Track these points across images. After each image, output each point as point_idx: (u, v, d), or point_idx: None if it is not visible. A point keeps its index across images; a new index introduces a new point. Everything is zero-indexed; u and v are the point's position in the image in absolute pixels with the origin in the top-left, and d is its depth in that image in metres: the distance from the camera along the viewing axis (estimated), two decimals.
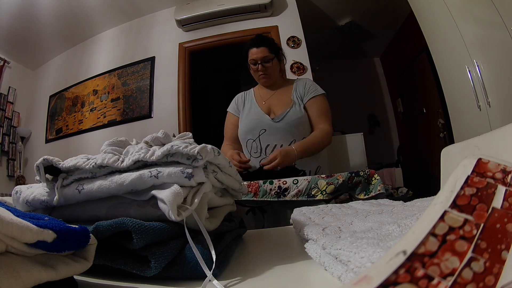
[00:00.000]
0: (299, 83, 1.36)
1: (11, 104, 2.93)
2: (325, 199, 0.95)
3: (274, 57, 1.33)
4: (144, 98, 2.61)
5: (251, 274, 0.31)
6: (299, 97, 1.32)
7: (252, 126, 1.30)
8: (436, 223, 0.13)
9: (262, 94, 1.39)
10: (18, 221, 0.20)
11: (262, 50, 1.31)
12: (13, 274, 0.19)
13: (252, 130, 1.29)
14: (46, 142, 2.92)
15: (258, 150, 1.28)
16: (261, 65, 1.31)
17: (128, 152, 0.36)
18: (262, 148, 1.27)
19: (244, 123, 1.33)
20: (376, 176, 0.99)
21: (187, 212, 0.31)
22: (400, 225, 0.27)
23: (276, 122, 1.27)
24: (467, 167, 0.15)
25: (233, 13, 2.53)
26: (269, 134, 1.27)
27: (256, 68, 1.33)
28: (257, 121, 1.29)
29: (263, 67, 1.32)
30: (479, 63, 1.50)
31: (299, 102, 1.30)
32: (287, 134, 1.25)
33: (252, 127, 1.30)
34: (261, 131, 1.28)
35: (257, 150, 1.28)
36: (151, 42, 2.73)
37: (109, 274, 0.32)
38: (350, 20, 3.18)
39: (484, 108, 1.49)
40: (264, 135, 1.27)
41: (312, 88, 1.33)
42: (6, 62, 2.86)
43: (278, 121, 1.27)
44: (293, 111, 1.28)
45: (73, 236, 0.24)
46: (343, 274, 0.22)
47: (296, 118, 1.26)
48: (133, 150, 0.36)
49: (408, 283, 0.11)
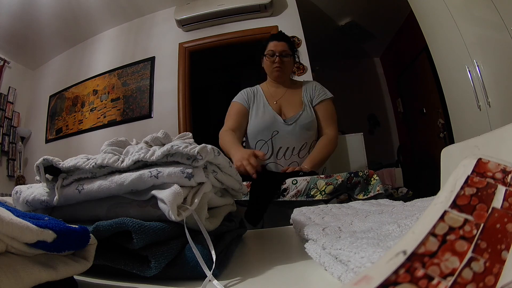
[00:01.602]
0: (308, 86, 1.36)
1: (11, 104, 2.93)
2: (324, 199, 0.95)
3: (291, 54, 1.33)
4: (144, 98, 2.60)
5: (251, 274, 0.31)
6: (309, 100, 1.31)
7: (265, 127, 1.26)
8: (436, 223, 0.13)
9: (272, 92, 1.35)
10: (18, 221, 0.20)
11: (283, 44, 1.31)
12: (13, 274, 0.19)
13: (264, 131, 1.26)
14: (46, 142, 2.92)
15: (270, 152, 1.25)
16: (278, 57, 1.30)
17: (128, 152, 0.36)
18: (274, 151, 1.25)
19: (256, 123, 1.29)
20: (375, 176, 0.99)
21: (187, 212, 0.31)
22: (400, 225, 0.27)
23: (289, 124, 1.26)
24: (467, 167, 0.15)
25: (233, 13, 2.53)
26: (281, 137, 1.25)
27: (273, 60, 1.31)
28: (270, 122, 1.26)
29: (280, 60, 1.30)
30: (479, 63, 1.50)
31: (309, 105, 1.30)
32: (299, 137, 1.25)
33: (264, 128, 1.26)
34: (273, 133, 1.25)
35: (269, 152, 1.25)
36: (151, 42, 2.73)
37: (109, 274, 0.32)
38: (350, 20, 3.18)
39: (484, 108, 1.49)
40: (276, 137, 1.25)
41: (322, 91, 1.33)
42: (6, 62, 2.86)
43: (291, 123, 1.26)
44: (305, 114, 1.27)
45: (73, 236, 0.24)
46: (343, 274, 0.22)
47: (308, 122, 1.26)
48: (133, 150, 0.36)
49: (408, 283, 0.11)
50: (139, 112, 2.60)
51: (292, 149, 1.24)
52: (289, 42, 1.34)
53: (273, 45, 1.31)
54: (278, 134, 1.25)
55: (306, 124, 1.26)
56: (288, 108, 1.31)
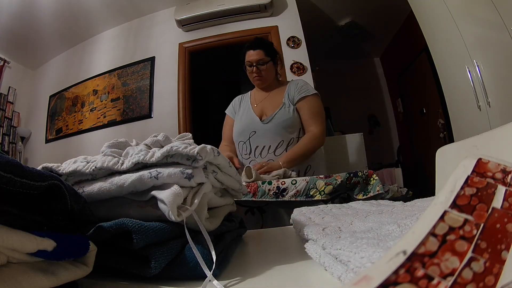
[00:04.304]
0: (292, 85, 1.37)
1: (11, 104, 2.93)
2: (324, 200, 0.95)
3: (269, 60, 1.35)
4: (144, 98, 2.61)
5: (251, 274, 0.31)
6: (290, 98, 1.32)
7: (243, 129, 1.33)
8: (436, 223, 0.13)
9: (256, 97, 1.42)
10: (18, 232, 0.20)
11: (258, 52, 1.33)
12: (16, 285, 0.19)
13: (243, 133, 1.33)
14: (46, 142, 2.92)
15: (248, 151, 1.31)
16: (255, 67, 1.34)
17: (128, 154, 0.36)
18: (252, 150, 1.30)
19: (236, 126, 1.37)
20: (374, 176, 0.99)
21: (187, 213, 0.31)
22: (400, 225, 0.27)
23: (265, 123, 1.29)
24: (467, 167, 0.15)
25: (233, 13, 2.53)
26: (258, 136, 1.29)
27: (251, 70, 1.35)
28: (248, 124, 1.33)
29: (258, 70, 1.34)
30: (479, 63, 1.50)
31: (289, 103, 1.31)
32: (275, 136, 1.27)
33: (243, 130, 1.33)
34: (251, 133, 1.30)
35: (247, 152, 1.31)
36: (151, 42, 2.73)
37: (109, 274, 0.32)
38: (350, 20, 3.18)
39: (484, 108, 1.49)
40: (253, 137, 1.30)
41: (304, 88, 1.33)
42: (6, 62, 2.86)
43: (267, 122, 1.29)
44: (281, 112, 1.29)
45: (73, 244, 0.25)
46: (343, 274, 0.22)
47: (285, 120, 1.27)
48: (132, 152, 0.36)
49: (408, 283, 0.11)
50: (139, 112, 2.60)
51: (268, 147, 1.27)
52: (266, 48, 1.35)
53: (250, 55, 1.34)
54: (256, 134, 1.30)
55: (281, 122, 1.27)
56: (268, 109, 1.34)
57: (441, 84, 1.87)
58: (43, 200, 0.23)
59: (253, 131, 1.30)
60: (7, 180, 0.20)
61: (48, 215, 0.24)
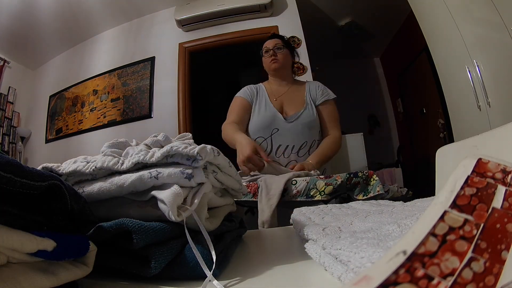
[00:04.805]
0: (312, 85, 1.37)
1: (11, 104, 2.93)
2: (324, 200, 0.95)
3: (286, 47, 1.36)
4: (144, 98, 2.60)
5: (251, 274, 0.31)
6: (312, 99, 1.32)
7: (265, 124, 1.26)
8: (436, 223, 0.13)
9: (273, 90, 1.36)
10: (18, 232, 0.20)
11: (276, 40, 1.36)
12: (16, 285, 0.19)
13: (265, 128, 1.26)
14: (46, 142, 2.92)
15: (269, 149, 1.25)
16: (272, 50, 1.34)
17: (128, 154, 0.36)
18: (273, 148, 1.25)
19: (257, 120, 1.29)
20: (374, 177, 0.99)
21: (187, 213, 0.31)
22: (400, 225, 0.27)
23: (289, 122, 1.26)
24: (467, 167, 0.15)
25: (233, 13, 2.53)
26: (281, 134, 1.25)
27: (268, 55, 1.35)
28: (271, 119, 1.26)
29: (274, 53, 1.34)
30: (479, 63, 1.50)
31: (312, 104, 1.30)
32: (300, 136, 1.25)
33: (265, 125, 1.26)
34: (273, 130, 1.25)
35: (267, 150, 1.25)
36: (151, 42, 2.73)
37: (109, 274, 0.32)
38: (350, 20, 3.18)
39: (484, 108, 1.49)
40: (276, 135, 1.25)
41: (325, 92, 1.34)
42: (6, 62, 2.86)
43: (292, 121, 1.26)
44: (306, 113, 1.27)
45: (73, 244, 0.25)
46: (343, 274, 0.22)
47: (310, 121, 1.26)
48: (132, 152, 0.36)
49: (408, 283, 0.11)
50: (139, 112, 2.60)
51: (292, 147, 1.24)
52: (283, 39, 1.39)
53: (267, 43, 1.37)
54: (278, 131, 1.25)
55: (307, 122, 1.26)
56: (289, 106, 1.31)
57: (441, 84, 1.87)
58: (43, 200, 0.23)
59: (276, 128, 1.25)
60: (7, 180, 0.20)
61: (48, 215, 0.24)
